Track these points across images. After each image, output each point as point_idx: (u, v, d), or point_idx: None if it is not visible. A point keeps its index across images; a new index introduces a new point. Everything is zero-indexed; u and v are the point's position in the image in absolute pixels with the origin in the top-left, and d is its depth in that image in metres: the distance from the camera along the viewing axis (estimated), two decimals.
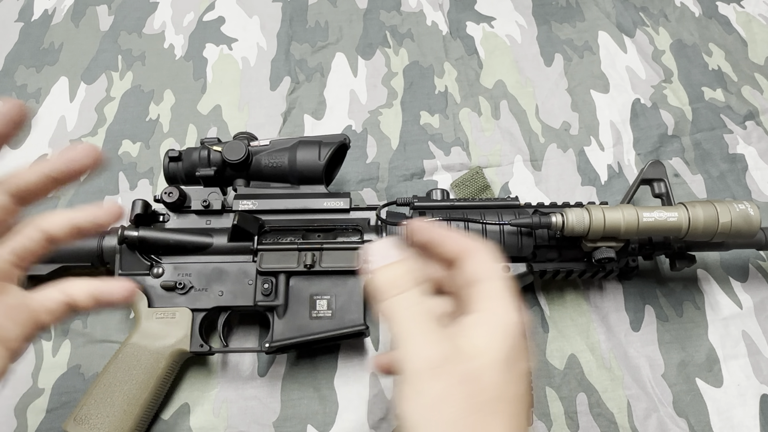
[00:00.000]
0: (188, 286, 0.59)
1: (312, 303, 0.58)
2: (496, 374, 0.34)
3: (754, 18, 0.93)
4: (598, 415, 0.60)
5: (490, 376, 0.34)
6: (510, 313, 0.36)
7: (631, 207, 0.55)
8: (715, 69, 0.87)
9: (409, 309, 0.36)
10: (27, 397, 0.61)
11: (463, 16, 0.94)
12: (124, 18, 0.94)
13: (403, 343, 0.35)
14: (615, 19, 0.93)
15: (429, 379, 0.33)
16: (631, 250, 0.60)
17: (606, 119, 0.82)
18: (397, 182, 0.76)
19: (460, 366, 0.34)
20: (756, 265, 0.69)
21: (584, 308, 0.66)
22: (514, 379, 0.35)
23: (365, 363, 0.63)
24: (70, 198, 0.74)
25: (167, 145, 0.79)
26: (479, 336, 0.35)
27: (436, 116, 0.82)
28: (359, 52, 0.89)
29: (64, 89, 0.85)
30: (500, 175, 0.76)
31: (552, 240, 0.59)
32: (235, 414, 0.60)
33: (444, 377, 0.33)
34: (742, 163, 0.77)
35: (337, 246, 0.59)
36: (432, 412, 0.33)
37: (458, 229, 0.42)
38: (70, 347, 0.64)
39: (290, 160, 0.62)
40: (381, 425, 0.59)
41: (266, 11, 0.95)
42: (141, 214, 0.61)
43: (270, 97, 0.84)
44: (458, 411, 0.33)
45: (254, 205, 0.63)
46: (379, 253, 0.38)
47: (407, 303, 0.36)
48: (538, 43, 0.90)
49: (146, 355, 0.57)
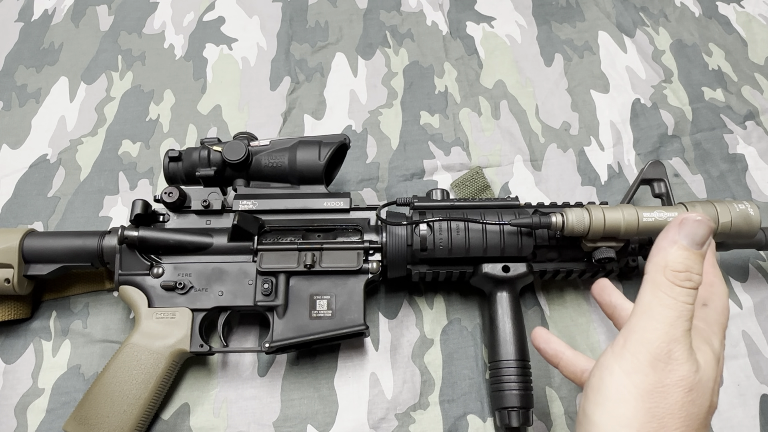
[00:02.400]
0: (188, 286, 0.59)
1: (312, 303, 0.58)
2: (703, 393, 0.38)
3: (754, 18, 0.93)
4: None
5: (699, 391, 0.37)
6: (721, 349, 0.42)
7: (631, 207, 0.55)
8: (715, 69, 0.87)
9: (685, 305, 0.38)
10: (27, 397, 0.61)
11: (463, 16, 0.94)
12: (124, 18, 0.94)
13: (650, 324, 0.38)
14: (615, 19, 0.93)
15: (649, 367, 0.37)
16: (631, 250, 0.60)
17: (606, 119, 0.82)
18: (397, 182, 0.76)
19: (687, 373, 0.37)
20: (756, 265, 0.69)
21: (584, 308, 0.66)
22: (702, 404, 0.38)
23: (365, 363, 0.63)
24: (70, 198, 0.74)
25: (167, 145, 0.79)
26: (703, 355, 0.39)
27: (436, 116, 0.82)
28: (359, 52, 0.89)
29: (64, 89, 0.85)
30: (500, 175, 0.76)
31: (552, 240, 0.59)
32: (235, 414, 0.60)
33: (665, 374, 0.37)
34: (742, 163, 0.77)
35: (337, 246, 0.59)
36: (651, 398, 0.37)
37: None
38: (70, 347, 0.64)
39: (290, 160, 0.62)
40: (381, 425, 0.59)
41: (266, 11, 0.95)
42: (141, 214, 0.61)
43: (270, 97, 0.84)
44: (665, 407, 0.36)
45: (254, 205, 0.63)
46: (696, 234, 0.39)
47: (687, 299, 0.38)
48: (538, 43, 0.90)
49: (146, 355, 0.57)
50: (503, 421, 0.56)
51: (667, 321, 0.37)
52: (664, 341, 0.37)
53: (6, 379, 0.62)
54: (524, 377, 0.56)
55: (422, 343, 0.64)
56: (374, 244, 0.60)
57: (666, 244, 0.39)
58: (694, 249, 0.39)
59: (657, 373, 0.37)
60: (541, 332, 0.53)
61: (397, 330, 0.65)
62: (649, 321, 0.38)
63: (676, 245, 0.39)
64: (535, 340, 0.53)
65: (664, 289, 0.38)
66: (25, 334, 0.64)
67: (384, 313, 0.66)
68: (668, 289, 0.38)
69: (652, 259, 0.40)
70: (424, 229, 0.59)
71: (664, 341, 0.37)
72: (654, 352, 0.37)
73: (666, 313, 0.37)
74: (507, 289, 0.60)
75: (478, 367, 0.63)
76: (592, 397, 0.39)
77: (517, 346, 0.57)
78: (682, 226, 0.39)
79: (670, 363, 0.37)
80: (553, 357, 0.52)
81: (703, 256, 0.39)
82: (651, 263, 0.40)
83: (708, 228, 0.39)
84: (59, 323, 0.65)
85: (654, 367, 0.37)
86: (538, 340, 0.53)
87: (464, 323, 0.65)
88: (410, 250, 0.60)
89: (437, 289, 0.67)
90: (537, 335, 0.53)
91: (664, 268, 0.38)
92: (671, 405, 0.36)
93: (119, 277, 0.59)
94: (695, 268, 0.38)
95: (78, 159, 0.77)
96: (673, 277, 0.38)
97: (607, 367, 0.39)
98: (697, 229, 0.39)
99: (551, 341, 0.52)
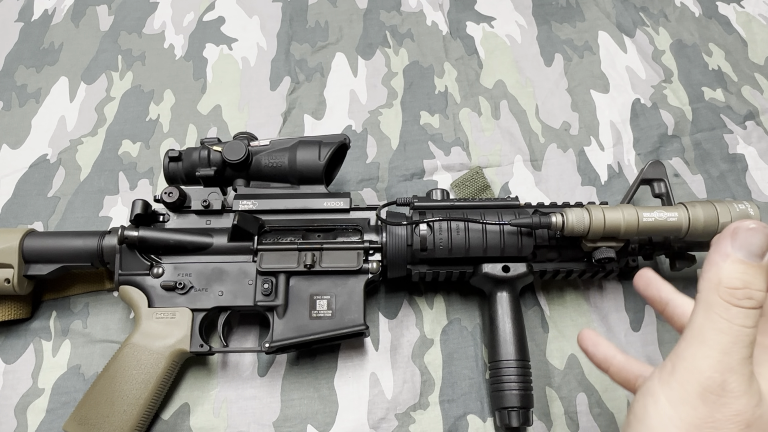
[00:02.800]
0: (188, 286, 0.59)
1: (312, 303, 0.58)
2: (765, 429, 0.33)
3: (754, 18, 0.93)
4: (598, 415, 0.60)
5: (760, 428, 0.33)
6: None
7: (631, 207, 0.55)
8: (715, 69, 0.87)
9: (743, 328, 0.33)
10: (27, 397, 0.61)
11: (463, 16, 0.94)
12: (124, 18, 0.94)
13: (701, 351, 0.33)
14: (615, 19, 0.93)
15: (698, 399, 0.33)
16: (631, 250, 0.60)
17: (606, 119, 0.82)
18: (397, 182, 0.76)
19: (745, 408, 0.32)
20: None
21: (584, 308, 0.66)
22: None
23: (365, 363, 0.63)
24: (70, 198, 0.74)
25: (167, 145, 0.79)
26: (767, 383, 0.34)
27: (436, 116, 0.82)
28: (359, 52, 0.89)
29: (64, 89, 0.85)
30: (500, 175, 0.76)
31: (552, 240, 0.59)
32: (235, 414, 0.60)
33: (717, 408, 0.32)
34: (742, 163, 0.77)
35: (337, 246, 0.59)
36: (682, 429, 0.33)
37: None
38: (70, 347, 0.64)
39: (290, 160, 0.62)
40: (381, 425, 0.59)
41: (266, 11, 0.95)
42: (141, 214, 0.61)
43: (270, 97, 0.84)
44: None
45: (254, 205, 0.63)
46: (752, 244, 0.33)
47: (746, 321, 0.33)
48: (538, 43, 0.90)
49: (146, 355, 0.57)
50: (503, 421, 0.56)
51: (720, 348, 0.33)
52: (717, 371, 0.32)
53: (6, 379, 0.62)
54: (524, 377, 0.56)
55: (422, 343, 0.64)
56: (374, 244, 0.60)
57: (718, 258, 0.34)
58: (753, 261, 0.33)
59: (707, 407, 0.32)
60: (589, 334, 0.48)
61: (397, 330, 0.65)
62: (699, 347, 0.33)
63: (729, 259, 0.33)
64: (583, 342, 0.48)
65: (718, 311, 0.33)
66: (25, 334, 0.64)
67: (384, 313, 0.66)
68: (723, 310, 0.33)
69: (704, 275, 0.34)
70: (424, 229, 0.59)
71: (717, 371, 0.32)
72: (705, 383, 0.33)
73: (720, 339, 0.33)
74: (507, 289, 0.60)
75: (478, 367, 0.63)
76: (634, 425, 0.35)
77: (517, 346, 0.57)
78: (735, 236, 0.33)
79: (724, 396, 0.32)
80: (603, 362, 0.47)
81: (764, 269, 0.33)
82: (703, 280, 0.34)
83: (766, 236, 0.33)
84: (59, 323, 0.65)
85: (704, 400, 0.32)
86: (586, 342, 0.48)
87: (464, 323, 0.65)
88: (410, 250, 0.60)
89: (437, 289, 0.67)
90: (585, 338, 0.48)
91: (718, 286, 0.33)
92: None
93: (119, 277, 0.59)
94: (755, 284, 0.33)
95: (78, 159, 0.77)
96: (728, 297, 0.33)
97: (652, 395, 0.35)
98: (753, 238, 0.33)
99: (600, 344, 0.47)
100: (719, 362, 0.33)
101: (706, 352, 0.33)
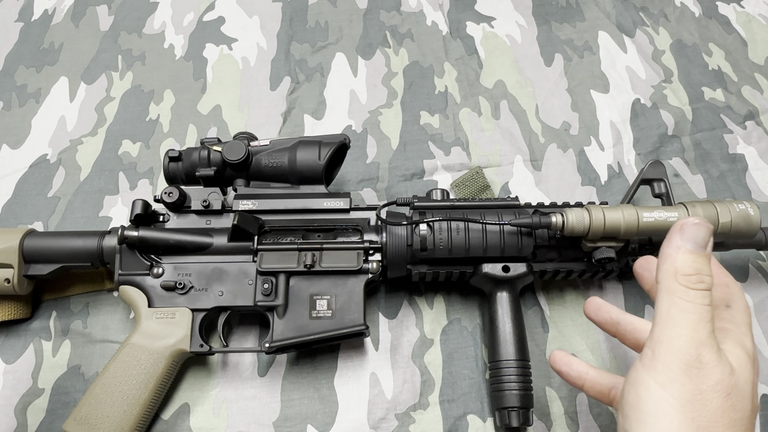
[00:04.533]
0: (188, 286, 0.59)
1: (312, 303, 0.58)
2: (743, 396, 0.37)
3: (754, 18, 0.93)
4: (598, 415, 0.60)
5: (738, 395, 0.37)
6: (753, 348, 0.41)
7: (631, 207, 0.55)
8: (715, 69, 0.87)
9: (703, 307, 0.37)
10: (27, 397, 0.61)
11: (463, 16, 0.94)
12: (124, 18, 0.94)
13: (674, 331, 0.37)
14: (615, 19, 0.93)
15: (683, 375, 0.36)
16: (631, 250, 0.60)
17: (606, 119, 0.82)
18: (397, 182, 0.76)
19: (722, 376, 0.36)
20: (756, 265, 0.69)
21: None
22: (744, 408, 0.37)
23: (365, 363, 0.63)
24: (69, 198, 0.74)
25: (167, 145, 0.79)
26: (736, 358, 0.38)
27: (436, 116, 0.82)
28: (359, 52, 0.89)
29: (64, 89, 0.85)
30: (500, 175, 0.76)
31: (552, 240, 0.59)
32: (235, 414, 0.60)
33: (700, 380, 0.36)
34: (742, 163, 0.77)
35: (337, 246, 0.59)
36: (692, 407, 0.36)
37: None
38: (70, 347, 0.64)
39: (290, 160, 0.62)
40: (381, 425, 0.59)
41: (266, 11, 0.95)
42: (141, 214, 0.61)
43: (270, 97, 0.84)
44: (707, 415, 0.36)
45: (254, 205, 0.63)
46: (697, 237, 0.39)
47: (704, 300, 0.38)
48: (538, 43, 0.90)
49: (146, 355, 0.57)
50: (503, 421, 0.56)
51: (689, 325, 0.37)
52: (691, 346, 0.36)
53: (6, 379, 0.62)
54: (524, 377, 0.56)
55: (422, 343, 0.64)
56: (374, 244, 0.60)
57: (671, 251, 0.39)
58: (699, 251, 0.39)
59: (692, 380, 0.36)
60: (560, 355, 0.52)
61: (397, 330, 0.65)
62: (672, 328, 0.37)
63: (681, 250, 0.39)
64: (555, 363, 0.52)
65: (680, 295, 0.38)
66: (25, 334, 0.64)
67: (384, 313, 0.66)
68: (683, 293, 0.38)
69: (661, 267, 0.40)
70: (424, 229, 0.59)
71: (691, 346, 0.36)
72: (684, 358, 0.36)
73: (687, 318, 0.37)
74: (507, 289, 0.60)
75: (478, 367, 0.63)
76: (631, 415, 0.38)
77: (517, 346, 0.57)
78: (683, 230, 0.39)
79: (703, 368, 0.36)
80: (577, 379, 0.50)
81: (708, 257, 0.39)
82: (661, 272, 0.40)
83: (708, 229, 0.39)
84: (59, 323, 0.65)
85: (688, 374, 0.36)
86: (558, 363, 0.52)
87: (464, 323, 0.65)
88: (410, 250, 0.60)
89: (437, 289, 0.67)
90: (557, 359, 0.52)
91: (675, 274, 0.38)
92: (713, 413, 0.35)
93: (119, 277, 0.59)
94: (704, 270, 0.38)
95: (78, 159, 0.77)
96: (685, 281, 0.38)
97: (641, 382, 0.38)
98: (698, 232, 0.39)
99: (572, 363, 0.51)
100: (691, 338, 0.37)
101: (679, 331, 0.37)
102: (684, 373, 0.36)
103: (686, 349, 0.37)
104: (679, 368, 0.36)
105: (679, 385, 0.36)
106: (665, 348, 0.37)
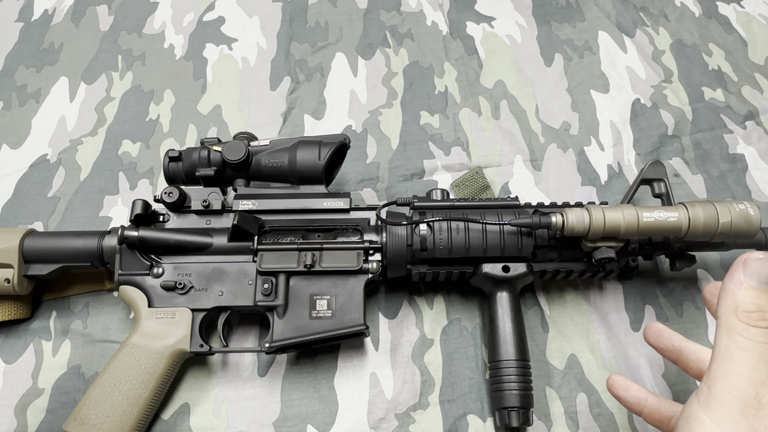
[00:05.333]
0: (188, 286, 0.59)
1: (312, 303, 0.58)
2: None
3: (754, 18, 0.93)
4: (598, 415, 0.60)
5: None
6: None
7: (631, 207, 0.55)
8: (715, 69, 0.87)
9: (764, 345, 0.36)
10: (27, 397, 0.61)
11: (463, 16, 0.94)
12: (124, 18, 0.94)
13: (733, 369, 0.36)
14: (615, 19, 0.93)
15: (740, 415, 0.35)
16: (631, 250, 0.60)
17: (606, 119, 0.82)
18: (397, 182, 0.76)
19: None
20: None
21: (584, 308, 0.66)
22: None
23: (365, 363, 0.63)
24: (69, 198, 0.74)
25: (167, 145, 0.79)
26: None
27: (436, 116, 0.82)
28: (359, 52, 0.89)
29: (64, 89, 0.85)
30: (500, 175, 0.76)
31: (552, 240, 0.59)
32: (235, 414, 0.60)
33: (758, 421, 0.35)
34: (742, 163, 0.77)
35: (337, 246, 0.59)
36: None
37: None
38: (70, 347, 0.64)
39: (290, 160, 0.62)
40: (381, 425, 0.59)
41: (266, 11, 0.95)
42: (141, 214, 0.61)
43: (270, 97, 0.84)
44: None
45: (254, 205, 0.63)
46: (761, 273, 0.37)
47: (765, 338, 0.36)
48: (538, 43, 0.90)
49: (146, 355, 0.57)
50: (503, 421, 0.56)
51: (749, 364, 0.36)
52: (750, 385, 0.35)
53: (6, 379, 0.62)
54: (524, 377, 0.56)
55: (422, 343, 0.64)
56: (374, 244, 0.60)
57: (733, 286, 0.38)
58: (763, 288, 0.37)
59: (749, 421, 0.35)
60: (618, 380, 0.51)
61: (397, 330, 0.65)
62: (731, 366, 0.36)
63: (743, 286, 0.37)
64: (613, 388, 0.51)
65: (739, 331, 0.37)
66: (25, 334, 0.64)
67: (384, 313, 0.66)
68: (744, 330, 0.37)
69: (722, 302, 0.38)
70: (424, 229, 0.59)
71: (750, 385, 0.35)
72: (742, 398, 0.35)
73: (747, 356, 0.36)
74: (507, 289, 0.60)
75: (478, 367, 0.63)
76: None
77: (517, 346, 0.57)
78: (746, 265, 0.38)
79: (761, 408, 0.35)
80: (635, 405, 0.50)
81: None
82: (721, 307, 0.38)
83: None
84: (59, 323, 0.65)
85: (745, 415, 0.35)
86: (616, 388, 0.51)
87: (464, 323, 0.65)
88: (410, 250, 0.60)
89: (437, 289, 0.67)
90: (615, 383, 0.51)
91: (736, 311, 0.37)
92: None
93: (119, 277, 0.59)
94: (767, 307, 0.37)
95: (78, 159, 0.77)
96: (746, 318, 0.37)
97: (695, 419, 0.37)
98: (762, 267, 0.37)
99: (630, 389, 0.50)
100: (750, 377, 0.35)
101: (737, 369, 0.36)
102: (740, 413, 0.35)
103: (744, 388, 0.35)
104: (736, 407, 0.35)
105: (734, 425, 0.35)
106: (722, 386, 0.36)
